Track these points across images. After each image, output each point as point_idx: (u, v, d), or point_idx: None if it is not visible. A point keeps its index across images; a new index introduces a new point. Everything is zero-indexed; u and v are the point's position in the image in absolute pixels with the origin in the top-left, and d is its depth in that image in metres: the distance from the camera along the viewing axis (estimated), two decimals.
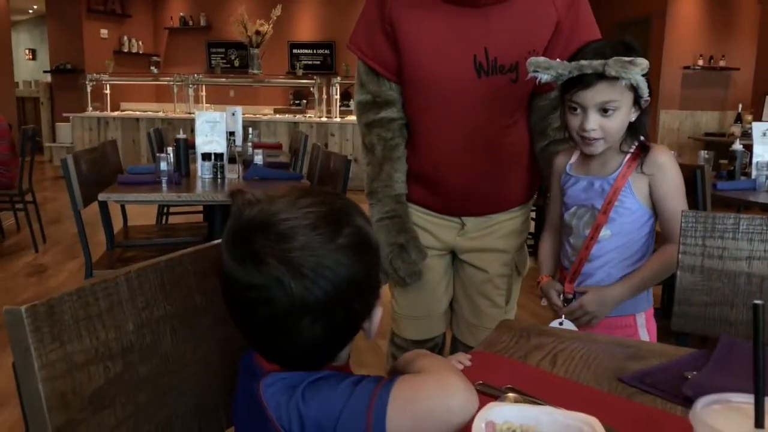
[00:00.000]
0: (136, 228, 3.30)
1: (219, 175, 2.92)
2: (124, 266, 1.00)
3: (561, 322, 1.32)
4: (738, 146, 3.26)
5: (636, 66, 1.14)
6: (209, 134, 2.95)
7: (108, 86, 8.28)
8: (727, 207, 2.96)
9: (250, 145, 3.69)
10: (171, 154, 2.93)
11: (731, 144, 3.35)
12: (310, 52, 10.55)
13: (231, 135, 3.71)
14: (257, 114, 8.37)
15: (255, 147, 3.60)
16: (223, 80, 9.26)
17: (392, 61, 1.52)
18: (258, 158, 3.17)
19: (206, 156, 2.94)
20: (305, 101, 9.54)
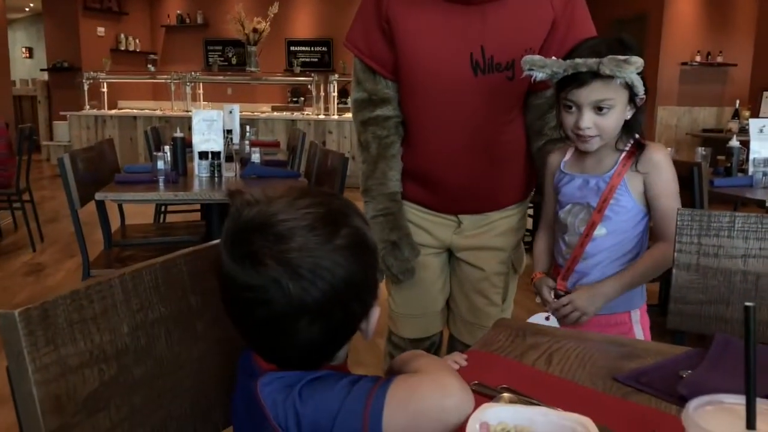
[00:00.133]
0: (134, 227, 3.30)
1: (216, 174, 2.92)
2: (122, 265, 1.00)
3: (548, 317, 1.32)
4: (735, 143, 3.25)
5: (630, 65, 1.14)
6: (206, 133, 2.94)
7: (105, 84, 8.28)
8: (725, 203, 2.96)
9: (248, 143, 3.68)
10: (168, 153, 2.92)
11: (729, 140, 3.35)
12: (308, 50, 10.53)
13: (228, 133, 3.70)
14: (255, 112, 8.36)
15: (252, 145, 3.60)
16: (221, 78, 9.23)
17: (389, 59, 1.52)
18: (255, 156, 3.17)
19: (203, 154, 2.94)
20: (303, 99, 9.53)
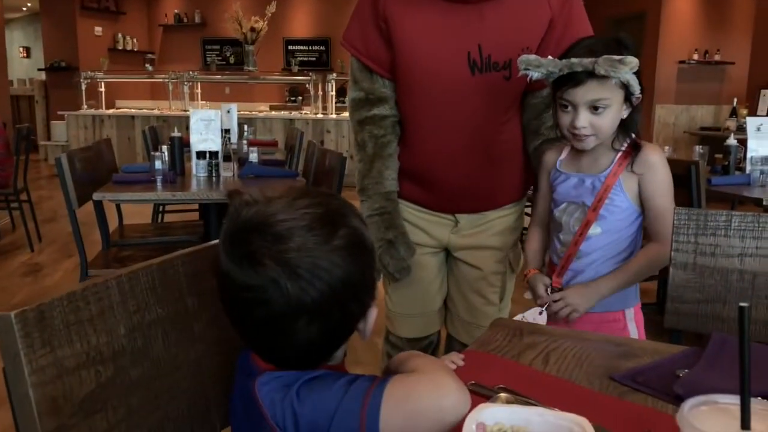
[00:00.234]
0: (132, 227, 3.29)
1: (214, 174, 2.91)
2: (120, 265, 1.00)
3: (541, 312, 1.33)
4: (732, 141, 3.25)
5: (625, 65, 1.14)
6: (204, 132, 2.94)
7: (103, 84, 8.25)
8: (722, 202, 2.96)
9: (246, 143, 3.67)
10: (166, 153, 2.92)
11: (726, 138, 3.35)
12: (306, 49, 10.52)
13: (226, 133, 3.70)
14: (253, 111, 8.34)
15: (250, 144, 3.59)
16: (219, 77, 9.22)
17: (386, 58, 1.51)
18: (253, 156, 3.16)
19: (201, 154, 2.93)
20: (301, 98, 9.52)
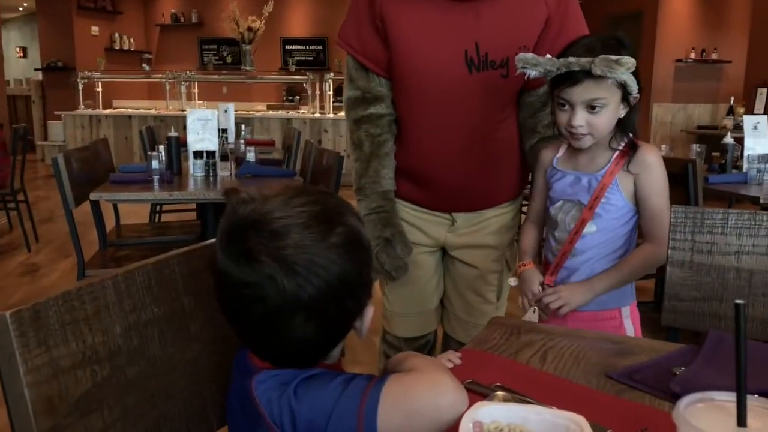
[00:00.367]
0: (129, 227, 3.29)
1: (211, 173, 2.91)
2: (117, 265, 1.00)
3: (534, 310, 1.33)
4: (729, 139, 3.27)
5: (622, 65, 1.15)
6: (201, 132, 2.94)
7: (100, 84, 8.23)
8: (719, 200, 2.97)
9: (243, 142, 3.67)
10: (163, 153, 2.92)
11: (723, 137, 3.36)
12: (303, 48, 10.52)
13: (223, 132, 3.69)
14: (250, 111, 8.34)
15: (247, 144, 3.59)
16: (216, 77, 9.21)
17: (382, 57, 1.50)
18: (250, 155, 3.16)
19: (198, 154, 2.93)
20: (298, 97, 9.52)
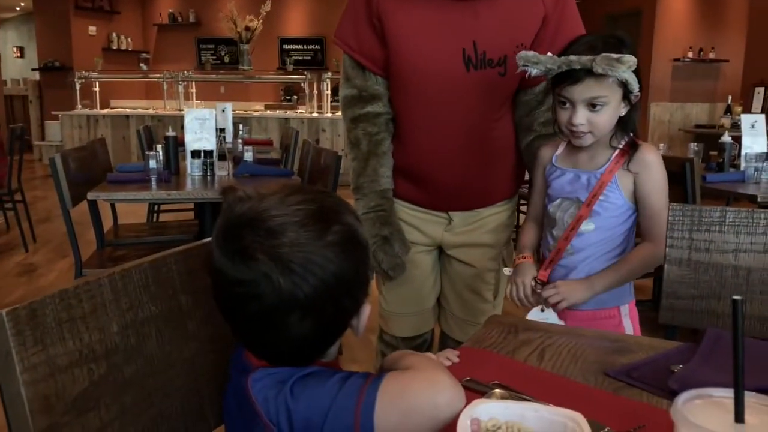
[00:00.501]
0: (127, 226, 3.28)
1: (209, 173, 2.91)
2: (115, 265, 0.99)
3: (542, 309, 1.32)
4: (727, 138, 3.27)
5: (623, 64, 1.14)
6: (199, 131, 2.93)
7: (97, 84, 8.23)
8: (717, 199, 2.97)
9: (241, 142, 3.67)
10: (160, 152, 2.91)
11: (721, 136, 3.37)
12: (301, 48, 10.51)
13: (221, 132, 3.69)
14: (248, 110, 8.33)
15: (245, 143, 3.59)
16: (213, 77, 9.20)
17: (379, 55, 1.50)
18: (248, 155, 3.16)
19: (196, 153, 2.93)
20: (296, 97, 9.51)
